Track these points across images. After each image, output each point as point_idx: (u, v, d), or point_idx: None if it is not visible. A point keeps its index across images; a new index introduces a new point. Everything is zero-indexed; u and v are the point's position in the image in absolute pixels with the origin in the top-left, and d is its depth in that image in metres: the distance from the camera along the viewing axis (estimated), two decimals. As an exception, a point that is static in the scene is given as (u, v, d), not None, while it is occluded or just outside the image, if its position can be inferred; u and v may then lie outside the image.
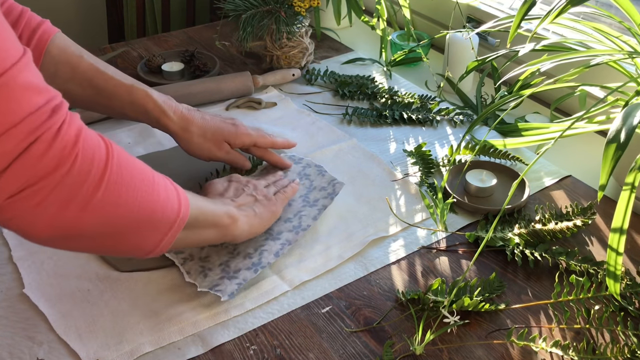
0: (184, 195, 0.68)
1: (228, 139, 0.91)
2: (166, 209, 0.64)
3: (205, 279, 0.78)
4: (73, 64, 0.82)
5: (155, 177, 0.65)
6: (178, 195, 0.67)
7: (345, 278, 0.82)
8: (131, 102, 0.86)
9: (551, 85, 0.84)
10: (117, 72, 0.86)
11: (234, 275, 0.78)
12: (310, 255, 0.84)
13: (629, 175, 0.65)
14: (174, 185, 0.67)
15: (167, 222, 0.65)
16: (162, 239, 0.65)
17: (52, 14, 2.49)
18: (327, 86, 1.24)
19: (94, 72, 0.84)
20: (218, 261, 0.81)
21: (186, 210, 0.67)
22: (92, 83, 0.84)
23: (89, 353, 0.70)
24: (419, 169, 1.00)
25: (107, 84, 0.84)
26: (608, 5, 1.11)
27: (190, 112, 0.89)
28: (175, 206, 0.66)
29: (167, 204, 0.65)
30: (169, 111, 0.87)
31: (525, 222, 0.87)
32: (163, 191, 0.64)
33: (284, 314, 0.77)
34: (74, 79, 0.83)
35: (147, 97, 0.86)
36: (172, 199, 0.65)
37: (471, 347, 0.72)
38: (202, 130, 0.89)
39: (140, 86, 0.86)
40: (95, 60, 0.85)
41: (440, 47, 1.40)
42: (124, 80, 0.86)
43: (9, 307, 0.76)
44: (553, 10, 0.75)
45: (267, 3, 1.17)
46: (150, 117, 0.87)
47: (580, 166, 1.02)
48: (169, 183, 0.67)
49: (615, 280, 0.64)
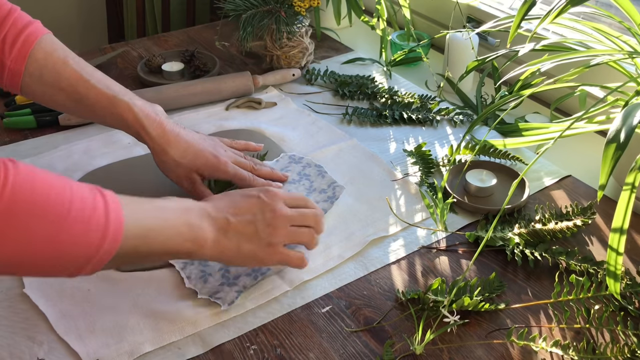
0: (117, 221, 0.60)
1: (203, 171, 0.86)
2: (81, 242, 0.58)
3: (205, 284, 0.78)
4: (57, 69, 0.80)
5: (74, 205, 0.57)
6: (107, 220, 0.59)
7: (345, 278, 0.82)
8: (112, 113, 0.82)
9: (551, 85, 0.84)
10: (102, 80, 0.83)
11: (234, 282, 0.78)
12: (310, 255, 0.84)
13: (629, 175, 0.65)
14: (107, 209, 0.60)
15: (82, 255, 0.59)
16: (80, 269, 0.60)
17: (52, 14, 2.50)
18: (327, 86, 1.24)
19: (77, 80, 0.81)
20: (218, 266, 0.81)
21: (113, 244, 0.60)
22: (75, 90, 0.81)
23: (89, 353, 0.70)
24: (419, 168, 1.00)
25: (89, 93, 0.82)
26: (608, 5, 1.11)
27: (173, 131, 0.84)
28: (96, 241, 0.58)
29: (84, 236, 0.58)
30: (149, 127, 0.82)
31: (525, 222, 0.87)
32: (80, 220, 0.57)
33: (284, 313, 0.77)
34: (58, 84, 0.81)
35: (128, 110, 0.82)
36: (96, 228, 0.58)
37: (471, 346, 0.72)
38: (180, 155, 0.84)
39: (124, 97, 0.83)
40: (81, 67, 0.82)
41: (440, 47, 1.40)
42: (106, 90, 0.82)
43: (9, 307, 0.76)
44: (553, 10, 0.75)
45: (267, 3, 1.17)
46: (130, 130, 0.84)
47: (580, 166, 1.02)
48: (98, 209, 0.59)
49: (615, 280, 0.64)
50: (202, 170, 0.86)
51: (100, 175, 0.96)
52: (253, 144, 0.95)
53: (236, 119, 1.12)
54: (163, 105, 0.96)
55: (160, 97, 1.13)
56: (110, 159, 0.99)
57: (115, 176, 0.95)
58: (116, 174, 0.96)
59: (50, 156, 1.01)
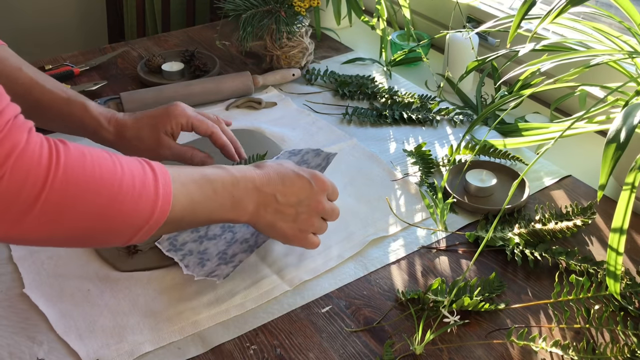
0: (166, 196, 0.63)
1: (164, 126, 0.85)
2: (131, 216, 0.61)
3: (203, 268, 0.79)
4: (13, 76, 0.82)
5: (125, 181, 0.60)
6: (156, 196, 0.62)
7: (345, 278, 0.82)
8: (68, 114, 0.84)
9: (551, 85, 0.84)
10: (57, 85, 0.85)
11: (231, 260, 0.79)
12: (310, 255, 0.84)
13: (629, 175, 0.65)
14: (157, 184, 0.63)
15: (132, 227, 0.62)
16: (131, 239, 0.63)
17: (52, 14, 2.50)
18: (327, 86, 1.24)
19: (32, 84, 0.83)
20: (216, 251, 0.81)
21: (162, 214, 0.63)
22: (30, 95, 0.82)
23: (89, 353, 0.70)
24: (419, 168, 1.00)
25: (44, 97, 0.83)
26: (608, 5, 1.11)
27: (124, 117, 0.86)
28: (146, 212, 0.62)
29: (134, 211, 0.61)
30: (104, 122, 0.85)
31: (525, 222, 0.87)
32: (130, 197, 0.60)
33: (284, 313, 0.77)
34: (13, 90, 0.80)
35: (84, 110, 0.84)
36: (145, 202, 0.61)
37: (471, 346, 0.72)
38: (136, 132, 0.85)
39: (78, 98, 0.85)
40: (35, 73, 0.84)
41: (440, 47, 1.40)
42: (61, 93, 0.84)
43: (9, 307, 0.76)
44: (553, 10, 0.75)
45: (267, 3, 1.17)
46: (87, 129, 0.85)
47: (580, 166, 1.02)
48: (148, 184, 0.62)
49: (615, 280, 0.64)
50: (164, 125, 0.86)
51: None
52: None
53: (236, 119, 1.12)
54: (163, 105, 0.95)
55: (160, 97, 1.13)
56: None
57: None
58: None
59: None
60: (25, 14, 2.28)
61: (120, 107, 1.11)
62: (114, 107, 1.11)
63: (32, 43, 2.26)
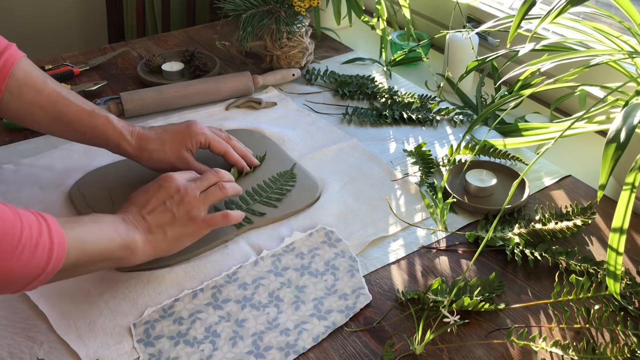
0: (59, 246, 0.64)
1: (185, 143, 0.90)
2: (28, 268, 0.62)
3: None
4: (38, 87, 0.85)
5: (24, 237, 0.61)
6: (51, 247, 0.64)
7: (345, 278, 0.82)
8: (92, 127, 0.87)
9: (551, 85, 0.84)
10: (79, 98, 0.88)
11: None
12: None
13: (629, 175, 0.65)
14: (50, 234, 0.64)
15: (27, 278, 0.63)
16: (24, 288, 0.64)
17: (52, 15, 2.49)
18: (327, 86, 1.24)
19: (57, 97, 0.86)
20: (250, 332, 0.74)
21: (57, 263, 0.64)
22: (55, 107, 0.86)
23: (89, 353, 0.70)
24: (419, 168, 1.00)
25: (69, 109, 0.86)
26: (608, 5, 1.11)
27: (145, 131, 0.90)
28: (42, 262, 0.63)
29: (30, 264, 0.62)
30: (127, 135, 0.89)
31: (525, 222, 0.87)
32: (28, 251, 0.61)
33: (284, 313, 0.77)
34: (37, 102, 0.85)
35: (108, 123, 0.88)
36: (40, 255, 0.63)
37: (471, 346, 0.72)
38: (159, 145, 0.90)
39: (101, 112, 0.88)
40: (58, 86, 0.87)
41: (440, 47, 1.40)
42: (85, 106, 0.87)
43: (9, 307, 0.76)
44: (553, 10, 0.75)
45: (267, 3, 1.17)
46: (110, 142, 0.89)
47: (580, 166, 1.02)
48: (43, 235, 0.63)
49: (615, 280, 0.64)
50: (185, 142, 0.90)
51: (100, 175, 0.96)
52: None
53: (236, 119, 1.12)
54: (163, 105, 0.96)
55: (160, 97, 1.13)
56: (110, 159, 0.98)
57: (115, 176, 0.95)
58: (116, 174, 0.96)
59: (51, 156, 1.01)
60: (26, 14, 2.28)
61: (120, 107, 1.11)
62: (114, 107, 1.11)
63: (32, 43, 2.27)
